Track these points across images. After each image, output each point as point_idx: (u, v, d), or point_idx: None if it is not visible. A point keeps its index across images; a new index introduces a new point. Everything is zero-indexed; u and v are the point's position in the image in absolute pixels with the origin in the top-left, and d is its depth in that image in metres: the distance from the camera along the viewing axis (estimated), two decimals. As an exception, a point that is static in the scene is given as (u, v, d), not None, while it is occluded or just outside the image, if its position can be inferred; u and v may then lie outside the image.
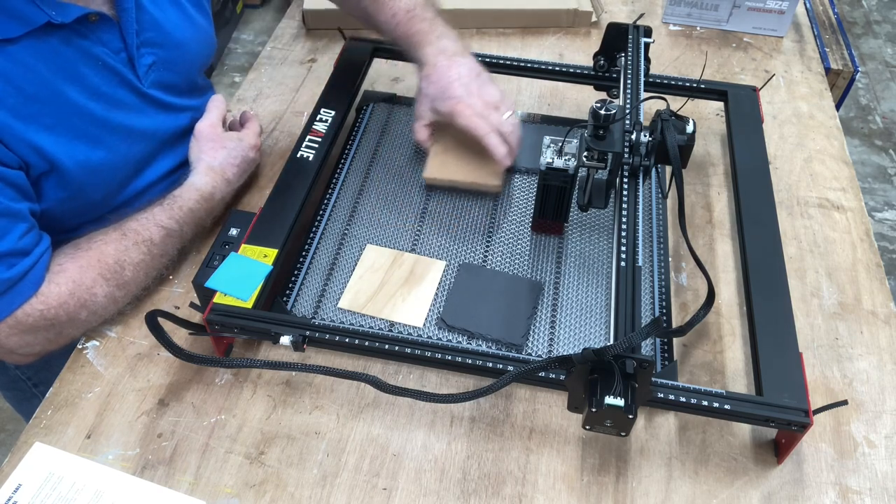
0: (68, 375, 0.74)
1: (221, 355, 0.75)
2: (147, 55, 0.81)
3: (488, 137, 0.83)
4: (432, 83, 0.86)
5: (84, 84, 0.75)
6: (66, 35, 0.72)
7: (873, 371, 0.77)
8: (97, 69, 0.76)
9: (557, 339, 0.76)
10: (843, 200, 0.94)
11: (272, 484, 0.67)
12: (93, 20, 0.74)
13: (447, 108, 0.85)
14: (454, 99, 0.84)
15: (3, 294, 0.68)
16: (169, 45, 0.84)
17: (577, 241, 0.85)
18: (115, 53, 0.78)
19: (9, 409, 1.64)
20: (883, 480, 0.69)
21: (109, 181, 0.82)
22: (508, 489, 0.67)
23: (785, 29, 1.20)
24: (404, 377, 0.75)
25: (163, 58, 0.83)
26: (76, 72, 0.74)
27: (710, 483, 0.68)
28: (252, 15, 2.90)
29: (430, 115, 0.88)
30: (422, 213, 0.88)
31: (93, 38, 0.75)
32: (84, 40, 0.74)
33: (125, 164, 0.83)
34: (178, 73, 0.87)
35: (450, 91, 0.84)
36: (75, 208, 0.80)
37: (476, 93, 0.85)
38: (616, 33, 0.94)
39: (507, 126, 0.85)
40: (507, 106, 0.86)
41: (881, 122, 2.56)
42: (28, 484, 0.66)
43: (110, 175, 0.81)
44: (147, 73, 0.82)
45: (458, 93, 0.84)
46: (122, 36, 0.78)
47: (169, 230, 0.79)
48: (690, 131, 0.77)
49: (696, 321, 0.72)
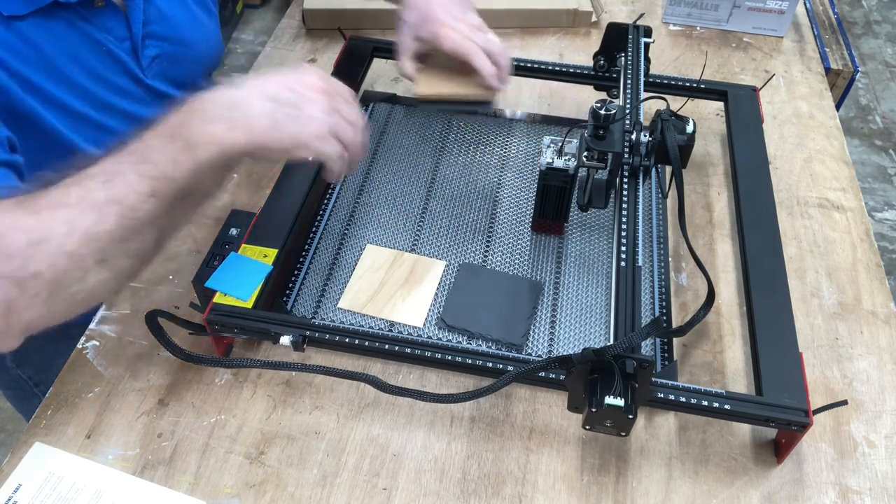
0: (68, 375, 0.74)
1: (221, 355, 0.75)
2: (151, 47, 0.81)
3: (477, 56, 0.81)
4: (413, 10, 0.84)
5: (86, 67, 0.75)
6: (70, 17, 0.72)
7: (873, 371, 0.77)
8: (99, 54, 0.76)
9: (557, 339, 0.76)
10: (843, 200, 0.94)
11: (272, 484, 0.67)
12: (98, 5, 0.74)
13: (431, 32, 0.83)
14: (438, 23, 0.82)
15: None
16: (175, 41, 0.84)
17: (577, 241, 0.86)
18: (118, 41, 0.78)
19: (9, 409, 1.64)
20: (883, 480, 0.69)
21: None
22: (508, 489, 0.67)
23: (785, 29, 1.20)
24: (404, 377, 0.75)
25: (168, 52, 0.83)
26: (78, 55, 0.74)
27: (710, 483, 0.68)
28: (252, 15, 2.91)
29: (414, 44, 0.85)
30: (422, 213, 0.88)
31: (97, 23, 0.75)
32: (88, 25, 0.74)
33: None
34: (183, 70, 0.87)
35: (432, 15, 0.82)
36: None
37: (459, 17, 0.83)
38: (616, 33, 0.94)
39: (494, 46, 0.83)
40: (490, 32, 0.85)
41: (881, 122, 2.56)
42: (28, 484, 0.66)
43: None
44: (150, 65, 0.82)
45: (440, 17, 0.82)
46: (128, 25, 0.78)
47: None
48: (690, 131, 0.77)
49: (696, 321, 0.72)
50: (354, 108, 0.66)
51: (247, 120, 0.59)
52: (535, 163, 0.94)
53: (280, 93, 0.61)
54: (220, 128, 0.58)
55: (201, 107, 0.59)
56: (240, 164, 0.62)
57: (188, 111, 0.59)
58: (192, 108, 0.59)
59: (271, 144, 0.60)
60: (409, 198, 0.90)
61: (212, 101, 0.59)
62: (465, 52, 0.81)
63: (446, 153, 0.96)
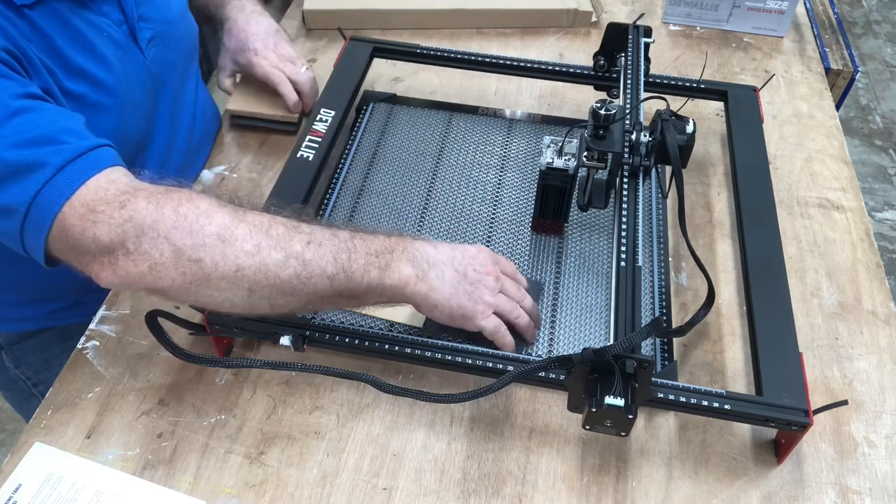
0: (68, 375, 0.74)
1: (221, 355, 0.75)
2: (146, 29, 0.81)
3: (283, 84, 0.95)
4: (233, 37, 0.97)
5: (95, 53, 0.75)
6: (71, 5, 0.72)
7: (873, 371, 0.77)
8: (104, 40, 0.76)
9: (557, 339, 0.76)
10: (843, 200, 0.94)
11: (272, 484, 0.67)
12: None
13: (245, 59, 0.96)
14: (251, 52, 0.95)
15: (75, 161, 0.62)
16: (163, 22, 0.84)
17: (577, 241, 0.86)
18: (116, 25, 0.78)
19: (9, 409, 1.64)
20: (883, 480, 0.69)
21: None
22: (508, 489, 0.67)
23: (785, 29, 1.21)
24: (404, 377, 0.75)
25: (160, 33, 0.83)
26: (87, 41, 0.74)
27: (710, 483, 0.68)
28: (252, 15, 2.90)
29: (231, 66, 0.99)
30: (422, 212, 0.88)
31: (94, 8, 0.75)
32: (87, 10, 0.74)
33: (129, 138, 0.82)
34: (175, 51, 0.87)
35: (248, 45, 0.96)
36: None
37: (272, 47, 0.96)
38: (616, 33, 0.94)
39: (301, 76, 0.96)
40: (301, 63, 0.98)
41: (881, 122, 2.56)
42: (28, 484, 0.66)
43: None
44: (148, 47, 0.82)
45: (255, 46, 0.96)
46: (121, 8, 0.78)
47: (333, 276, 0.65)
48: (690, 131, 0.77)
49: (696, 321, 0.72)
50: (519, 285, 0.75)
51: (435, 280, 0.68)
52: (535, 163, 0.94)
53: (467, 271, 0.70)
54: (413, 273, 0.67)
55: (407, 248, 0.68)
56: (397, 299, 0.69)
57: (397, 244, 0.68)
58: (401, 243, 0.69)
59: (444, 307, 0.69)
60: (409, 198, 0.90)
61: (416, 249, 0.69)
62: (273, 81, 0.95)
63: (446, 153, 0.96)
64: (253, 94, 0.99)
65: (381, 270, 0.66)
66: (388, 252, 0.67)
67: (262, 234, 0.63)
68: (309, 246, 0.64)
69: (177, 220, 0.60)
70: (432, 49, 1.02)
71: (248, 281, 0.62)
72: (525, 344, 0.75)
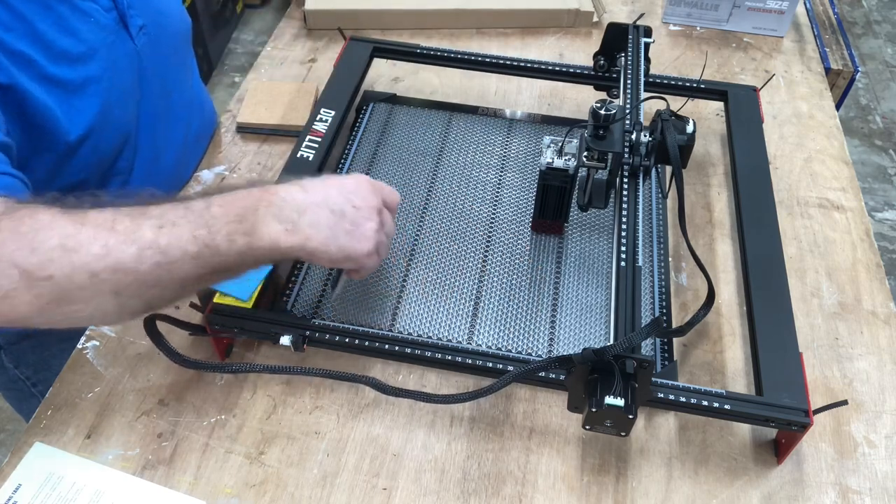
0: (68, 375, 0.74)
1: (221, 355, 0.75)
2: (136, 17, 0.80)
3: None
4: None
5: (79, 38, 0.74)
6: None
7: (873, 371, 0.77)
8: (90, 25, 0.75)
9: (557, 339, 0.76)
10: (843, 200, 0.94)
11: (272, 484, 0.67)
12: None
13: None
14: None
15: None
16: (154, 11, 0.83)
17: (577, 241, 0.85)
18: (105, 11, 0.77)
19: (9, 409, 1.64)
20: (883, 480, 0.69)
21: (96, 143, 0.78)
22: (508, 489, 0.67)
23: (785, 29, 1.21)
24: (404, 377, 0.75)
25: (151, 22, 0.83)
26: (71, 26, 0.73)
27: (710, 483, 0.68)
28: (252, 15, 2.90)
29: None
30: (422, 212, 0.88)
31: None
32: None
33: (115, 126, 0.80)
34: (166, 43, 0.86)
35: None
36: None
37: None
38: (616, 33, 0.94)
39: None
40: None
41: (881, 122, 2.56)
42: (28, 484, 0.66)
43: (100, 138, 0.78)
44: (139, 35, 0.81)
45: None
46: None
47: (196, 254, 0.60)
48: (690, 131, 0.77)
49: (696, 321, 0.72)
50: (393, 216, 0.70)
51: (309, 228, 0.62)
52: (535, 163, 0.94)
53: (344, 207, 0.64)
54: (282, 227, 0.60)
55: (272, 201, 0.61)
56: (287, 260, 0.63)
57: (259, 200, 0.61)
58: (263, 197, 0.61)
59: (323, 253, 0.63)
60: (408, 198, 0.90)
61: (282, 199, 0.61)
62: None
63: (446, 153, 0.96)
64: (263, 105, 1.01)
65: (248, 236, 0.60)
66: (252, 212, 0.61)
67: (108, 232, 0.57)
68: (162, 230, 0.58)
69: (18, 241, 0.55)
70: (432, 49, 1.02)
71: (108, 284, 0.57)
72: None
